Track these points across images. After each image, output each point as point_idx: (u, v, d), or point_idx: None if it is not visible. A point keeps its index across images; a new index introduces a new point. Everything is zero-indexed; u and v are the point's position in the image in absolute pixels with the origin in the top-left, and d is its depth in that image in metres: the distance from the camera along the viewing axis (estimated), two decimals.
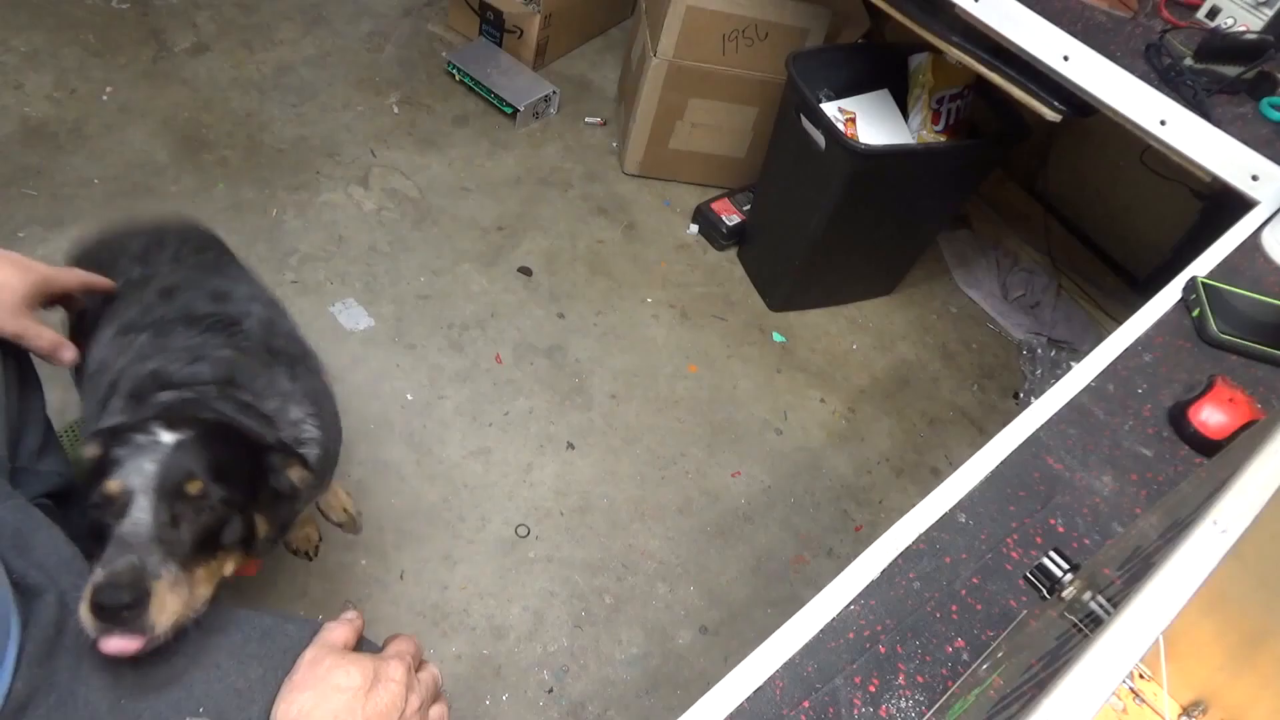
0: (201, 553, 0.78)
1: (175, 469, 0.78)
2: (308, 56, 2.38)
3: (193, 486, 0.78)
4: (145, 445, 0.79)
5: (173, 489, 0.77)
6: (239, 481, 0.83)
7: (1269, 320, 1.02)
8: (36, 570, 0.69)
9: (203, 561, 0.78)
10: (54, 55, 2.16)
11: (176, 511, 0.77)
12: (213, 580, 0.80)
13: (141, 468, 0.77)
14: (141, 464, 0.77)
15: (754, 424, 1.89)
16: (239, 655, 0.72)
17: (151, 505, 0.76)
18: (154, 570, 0.73)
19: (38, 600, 0.67)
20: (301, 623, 0.75)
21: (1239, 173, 1.21)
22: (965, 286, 2.33)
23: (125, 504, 0.76)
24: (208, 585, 0.79)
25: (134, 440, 0.79)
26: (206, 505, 0.79)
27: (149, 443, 0.79)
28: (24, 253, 1.78)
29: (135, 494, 0.76)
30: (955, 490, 0.82)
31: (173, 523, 0.77)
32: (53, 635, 0.66)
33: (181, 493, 0.78)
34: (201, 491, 0.79)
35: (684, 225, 2.27)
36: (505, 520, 1.62)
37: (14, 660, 0.62)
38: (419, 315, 1.89)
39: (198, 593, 0.76)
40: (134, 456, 0.78)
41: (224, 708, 0.68)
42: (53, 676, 0.64)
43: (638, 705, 1.45)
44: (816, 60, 1.90)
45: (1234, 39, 1.30)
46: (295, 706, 0.66)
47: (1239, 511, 0.48)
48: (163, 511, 0.76)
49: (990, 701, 0.56)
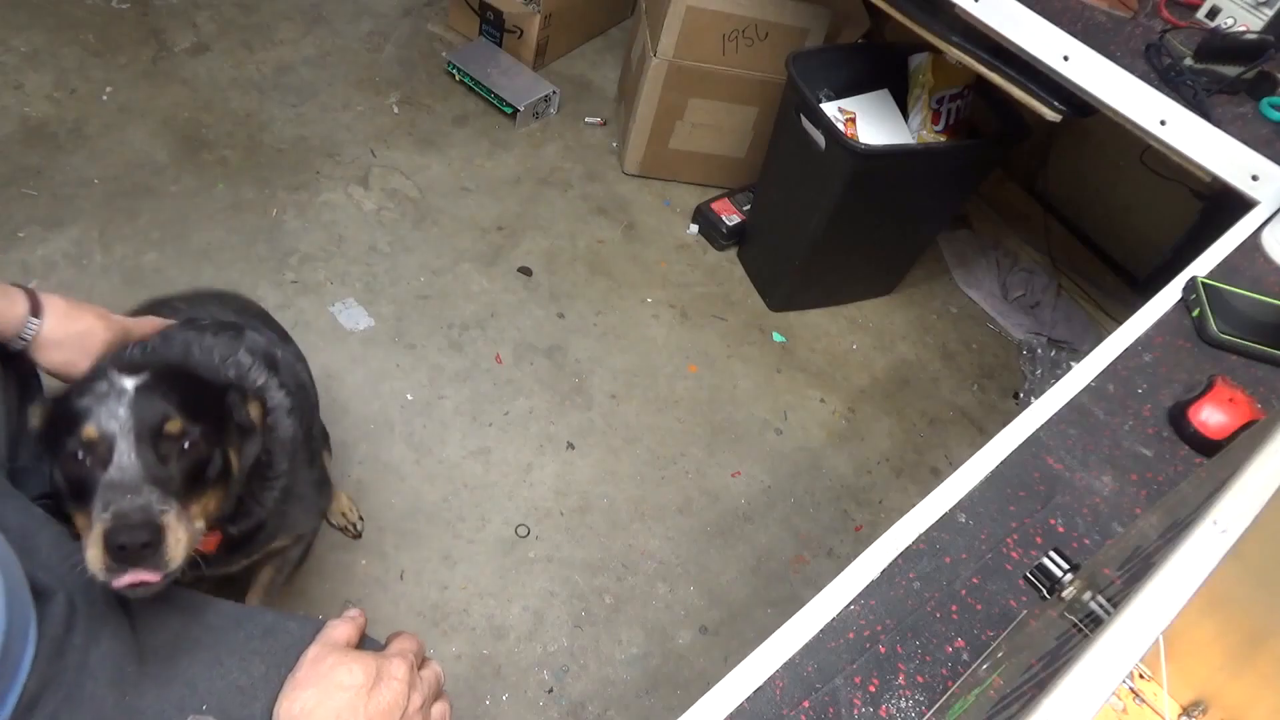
0: (193, 489, 0.79)
1: (149, 410, 0.78)
2: (308, 56, 2.38)
3: (173, 425, 0.79)
4: (108, 392, 0.78)
5: (153, 429, 0.78)
6: (208, 417, 0.84)
7: (1269, 320, 1.02)
8: (44, 571, 0.69)
9: (195, 496, 0.80)
10: (54, 55, 2.16)
11: (162, 451, 0.78)
12: (205, 514, 0.81)
13: (114, 412, 0.77)
14: (113, 409, 0.77)
15: (754, 424, 1.90)
16: (242, 652, 0.72)
17: (134, 447, 0.76)
18: (160, 505, 0.74)
19: (48, 601, 0.67)
20: (304, 620, 0.75)
21: (1239, 173, 1.21)
22: (965, 286, 2.33)
23: (107, 450, 0.76)
24: (202, 519, 0.80)
25: (95, 389, 0.79)
26: (187, 441, 0.80)
27: (112, 390, 0.79)
28: (24, 253, 1.80)
29: (115, 438, 0.76)
30: (955, 490, 0.82)
31: (161, 462, 0.77)
32: (61, 635, 0.66)
33: (162, 432, 0.78)
34: (181, 429, 0.79)
35: (684, 225, 2.27)
36: (505, 520, 1.62)
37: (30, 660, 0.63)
38: (419, 315, 1.89)
39: (196, 526, 0.78)
40: (101, 403, 0.77)
41: (227, 704, 0.68)
42: (61, 674, 0.64)
43: (638, 705, 1.45)
44: (816, 60, 1.90)
45: (1234, 39, 1.30)
46: (298, 704, 0.66)
47: (1239, 511, 0.48)
48: (148, 452, 0.77)
49: (990, 701, 0.56)
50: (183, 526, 0.75)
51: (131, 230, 1.86)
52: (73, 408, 0.78)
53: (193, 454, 0.80)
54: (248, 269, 1.86)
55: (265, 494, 0.99)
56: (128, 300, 1.72)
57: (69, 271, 1.75)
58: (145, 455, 0.76)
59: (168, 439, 0.78)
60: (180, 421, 0.79)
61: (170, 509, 0.75)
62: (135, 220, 1.88)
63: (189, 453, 0.80)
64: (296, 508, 1.09)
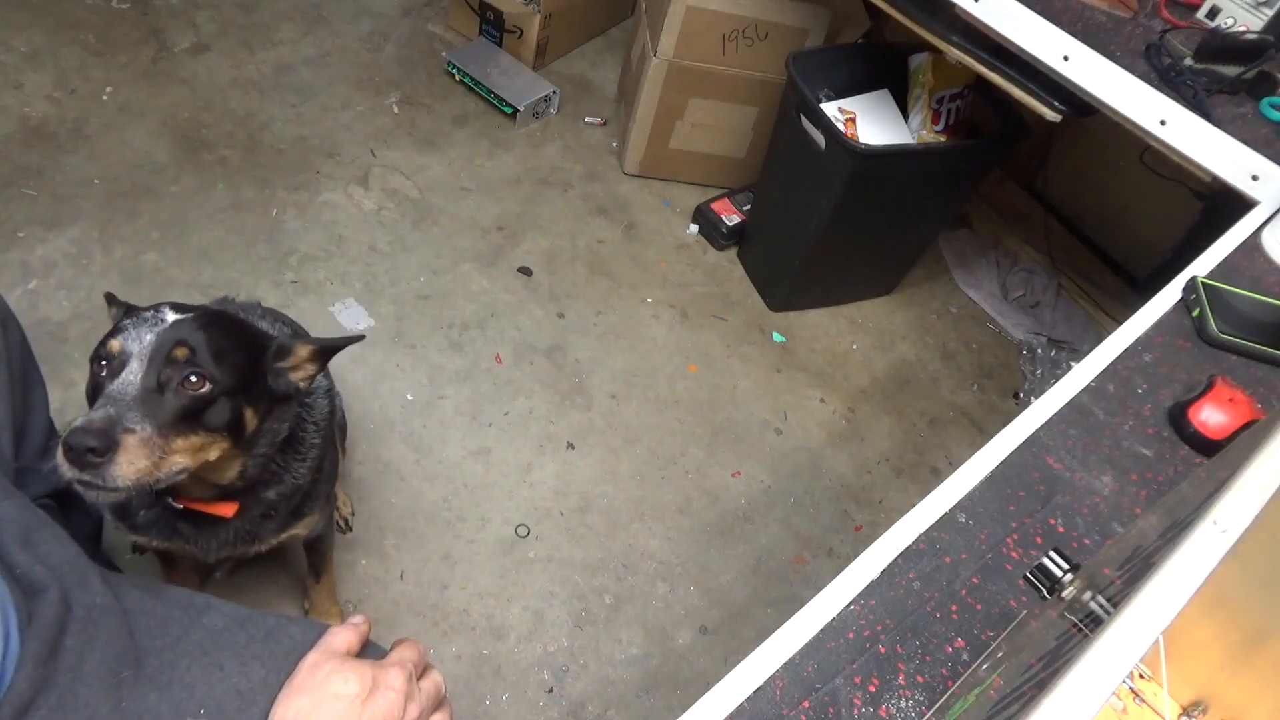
0: (182, 424, 0.83)
1: (168, 338, 0.84)
2: (308, 56, 2.38)
3: (180, 352, 0.83)
4: (151, 320, 0.86)
5: (163, 356, 0.83)
6: (232, 364, 0.87)
7: (1269, 320, 1.02)
8: (40, 567, 0.69)
9: (181, 433, 0.82)
10: (54, 55, 2.16)
11: (163, 377, 0.82)
12: (192, 456, 0.84)
13: (142, 336, 0.84)
14: (143, 333, 0.84)
15: (754, 424, 1.90)
16: (242, 656, 0.72)
17: (143, 369, 0.82)
18: (129, 424, 0.78)
19: (41, 598, 0.67)
20: (307, 625, 0.75)
21: (1239, 173, 1.21)
22: (965, 286, 2.33)
23: (121, 365, 0.82)
24: (185, 457, 0.83)
25: (143, 315, 0.87)
26: (192, 375, 0.83)
27: (155, 319, 0.86)
28: (24, 253, 1.80)
29: (130, 357, 0.82)
30: (955, 490, 0.82)
31: (158, 388, 0.82)
32: (55, 635, 0.65)
33: (170, 358, 0.83)
34: (188, 359, 0.84)
35: (684, 225, 2.27)
36: (505, 520, 1.62)
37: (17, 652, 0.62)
38: (419, 315, 1.89)
39: (170, 460, 0.81)
40: (138, 327, 0.85)
41: (225, 708, 0.68)
42: (54, 676, 0.64)
43: (638, 705, 1.45)
44: (816, 60, 1.90)
45: (1234, 39, 1.30)
46: (291, 711, 0.66)
47: (1239, 511, 0.48)
48: (150, 376, 0.82)
49: (990, 701, 0.56)
50: (144, 452, 0.78)
51: (131, 230, 1.86)
52: (119, 324, 0.87)
53: (193, 390, 0.83)
54: (248, 269, 1.86)
55: (297, 464, 1.03)
56: (128, 300, 1.73)
57: (69, 271, 1.75)
58: (147, 378, 0.82)
59: (173, 365, 0.83)
60: (188, 351, 0.84)
61: (141, 432, 0.78)
62: (135, 220, 1.88)
63: (189, 387, 0.83)
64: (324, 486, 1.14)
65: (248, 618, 0.75)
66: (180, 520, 1.00)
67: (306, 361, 0.96)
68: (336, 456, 1.23)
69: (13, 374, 0.98)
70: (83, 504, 1.23)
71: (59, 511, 1.12)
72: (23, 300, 1.68)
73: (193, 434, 0.84)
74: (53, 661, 0.65)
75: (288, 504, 1.06)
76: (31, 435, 1.05)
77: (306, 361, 0.96)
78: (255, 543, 1.07)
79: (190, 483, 0.93)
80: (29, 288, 1.71)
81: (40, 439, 1.08)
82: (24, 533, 0.71)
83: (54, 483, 1.10)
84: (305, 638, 0.73)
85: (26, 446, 1.03)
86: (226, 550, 1.06)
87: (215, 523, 1.01)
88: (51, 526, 0.76)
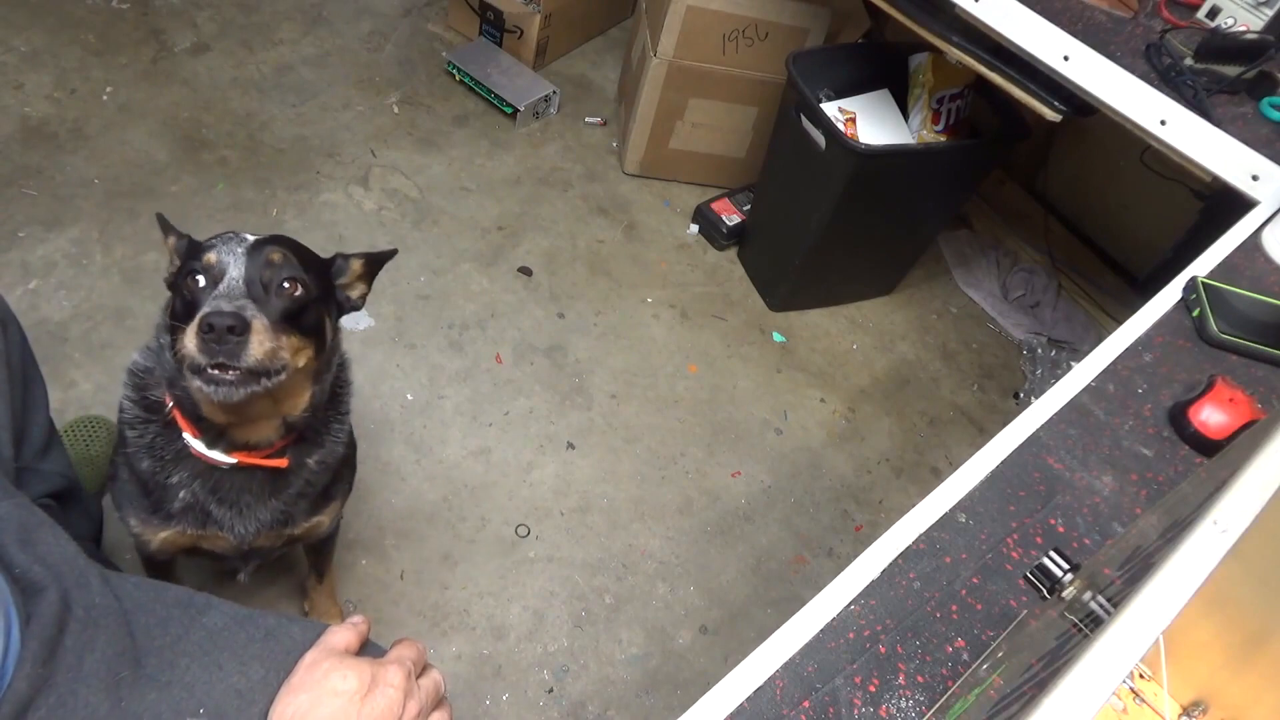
0: (286, 322, 0.89)
1: (260, 250, 0.91)
2: (308, 56, 2.38)
3: (276, 256, 0.91)
4: (233, 239, 0.92)
5: (261, 262, 0.90)
6: (316, 272, 0.96)
7: (1269, 320, 1.02)
8: (40, 566, 0.69)
9: (286, 330, 0.89)
10: (54, 55, 2.16)
11: (265, 278, 0.90)
12: (294, 355, 0.90)
13: (233, 250, 0.90)
14: (233, 248, 0.91)
15: (754, 424, 1.89)
16: (242, 655, 0.71)
17: (244, 274, 0.89)
18: (252, 312, 0.85)
19: (40, 597, 0.67)
20: (306, 624, 0.75)
21: (1239, 173, 1.21)
22: (965, 286, 2.33)
23: (220, 273, 0.88)
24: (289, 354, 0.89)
25: (223, 237, 0.93)
26: (287, 278, 0.91)
27: (236, 239, 0.93)
28: (24, 253, 1.80)
29: (229, 266, 0.89)
30: (955, 490, 0.82)
31: (264, 287, 0.89)
32: (54, 634, 0.65)
33: (269, 261, 0.90)
34: (283, 260, 0.91)
35: (684, 225, 2.27)
36: (505, 520, 1.62)
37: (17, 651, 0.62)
38: (419, 315, 1.89)
39: (280, 353, 0.87)
40: (225, 244, 0.91)
41: (224, 708, 0.68)
42: (54, 676, 0.64)
43: (638, 705, 1.45)
44: (816, 60, 1.90)
45: (1234, 39, 1.30)
46: (290, 708, 0.66)
47: (1239, 511, 0.48)
48: (255, 278, 0.89)
49: (990, 701, 0.56)
50: (269, 336, 0.85)
51: (131, 230, 1.86)
52: (200, 245, 0.93)
53: (291, 291, 0.91)
54: None
55: (337, 427, 1.07)
56: (128, 300, 1.74)
57: (69, 271, 1.75)
58: (251, 279, 0.89)
59: (271, 266, 0.90)
60: (281, 253, 0.91)
61: (261, 321, 0.85)
62: (135, 220, 1.88)
63: (288, 290, 0.91)
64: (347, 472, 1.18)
65: (247, 617, 0.75)
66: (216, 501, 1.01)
67: (359, 278, 1.06)
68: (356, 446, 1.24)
69: (13, 374, 0.98)
70: (83, 504, 1.23)
71: (59, 511, 1.12)
72: (23, 300, 1.68)
73: (294, 334, 0.90)
74: (52, 661, 0.65)
75: (322, 478, 1.08)
76: (31, 435, 1.05)
77: (359, 278, 1.06)
78: (289, 524, 1.08)
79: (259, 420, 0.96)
80: (29, 288, 1.71)
81: (40, 439, 1.08)
82: (23, 532, 0.71)
83: (54, 483, 1.10)
84: (305, 637, 0.73)
85: (26, 446, 1.03)
86: (262, 536, 1.06)
87: (253, 502, 1.02)
88: (51, 526, 0.75)
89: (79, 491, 1.19)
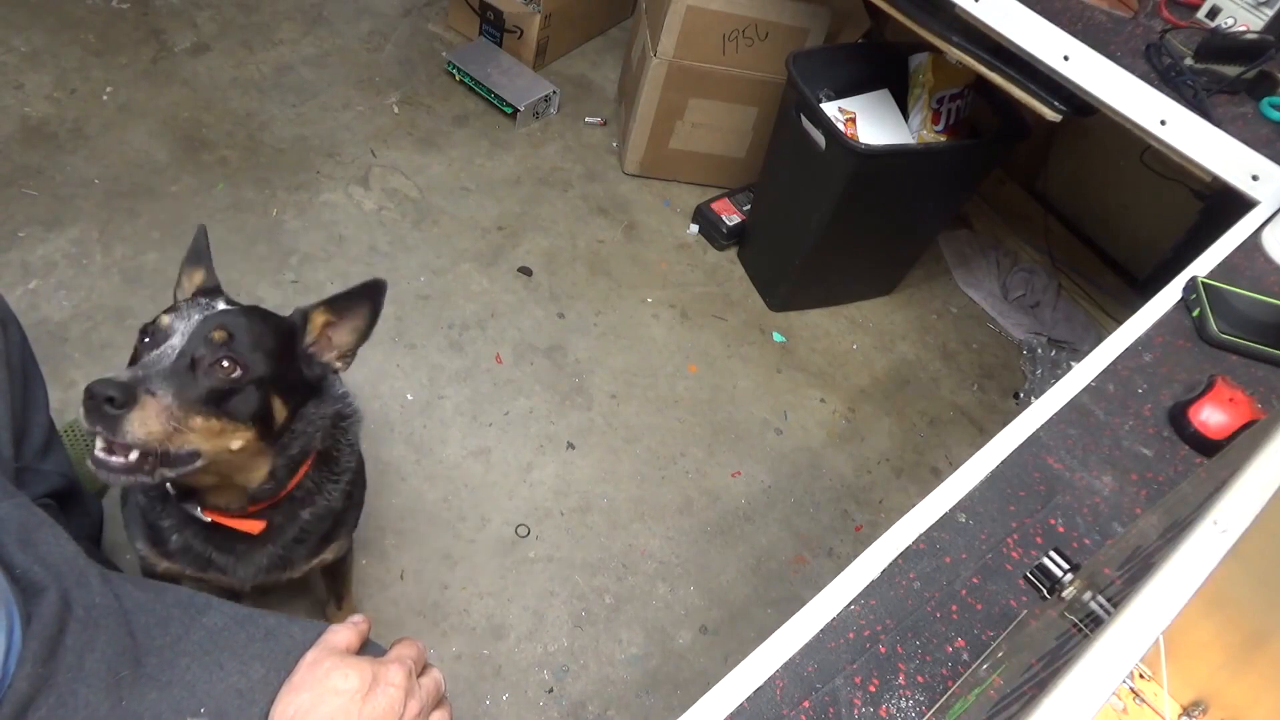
0: (206, 405, 0.83)
1: (211, 322, 0.87)
2: (308, 56, 2.38)
3: (218, 335, 0.86)
4: (203, 305, 0.90)
5: (202, 336, 0.86)
6: (266, 353, 0.89)
7: (1269, 320, 1.02)
8: (40, 566, 0.69)
9: (203, 413, 0.83)
10: (54, 55, 2.16)
11: (197, 356, 0.84)
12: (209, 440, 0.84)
13: (190, 316, 0.87)
14: (192, 314, 0.88)
15: (754, 424, 1.90)
16: (242, 655, 0.71)
17: (181, 345, 0.84)
18: (151, 389, 0.79)
19: (40, 597, 0.67)
20: (306, 624, 0.75)
21: (1239, 173, 1.21)
22: (965, 286, 2.33)
23: (163, 339, 0.85)
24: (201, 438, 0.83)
25: (199, 301, 0.92)
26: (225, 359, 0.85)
27: (207, 304, 0.91)
28: (24, 253, 1.80)
29: (174, 334, 0.85)
30: (955, 490, 0.82)
31: (191, 365, 0.84)
32: (54, 634, 0.65)
33: (208, 339, 0.85)
34: (224, 340, 0.86)
35: (684, 225, 2.27)
36: (505, 520, 1.62)
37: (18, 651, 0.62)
38: (419, 315, 1.89)
39: (185, 436, 0.82)
40: (190, 309, 0.89)
41: (225, 707, 0.68)
42: (54, 676, 0.64)
43: (638, 705, 1.45)
44: (816, 60, 1.90)
45: (1234, 39, 1.30)
46: (291, 707, 0.66)
47: (1239, 511, 0.48)
48: (186, 354, 0.84)
49: (990, 701, 0.56)
50: (160, 418, 0.79)
51: (131, 230, 1.86)
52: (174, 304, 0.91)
53: (227, 373, 0.85)
54: (248, 269, 1.86)
55: (331, 485, 1.04)
56: (128, 300, 1.74)
57: (69, 271, 1.75)
58: (182, 354, 0.84)
59: (209, 344, 0.85)
60: (225, 333, 0.86)
61: (162, 399, 0.79)
62: (135, 220, 1.88)
63: (223, 370, 0.85)
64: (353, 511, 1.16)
65: (247, 617, 0.75)
66: (213, 548, 0.99)
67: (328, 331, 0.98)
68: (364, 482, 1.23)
69: (13, 374, 0.98)
70: (83, 504, 1.23)
71: (59, 511, 1.12)
72: (23, 300, 1.68)
73: (214, 417, 0.84)
74: (52, 661, 0.65)
75: (320, 526, 1.05)
76: (31, 435, 1.05)
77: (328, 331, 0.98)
78: (288, 568, 1.07)
79: (219, 487, 0.93)
80: (29, 288, 1.71)
81: (40, 439, 1.08)
82: (24, 532, 0.71)
83: (54, 483, 1.10)
84: (305, 637, 0.73)
85: (27, 446, 1.03)
86: (261, 577, 1.05)
87: (248, 549, 1.01)
88: (51, 526, 0.75)
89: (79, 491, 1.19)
